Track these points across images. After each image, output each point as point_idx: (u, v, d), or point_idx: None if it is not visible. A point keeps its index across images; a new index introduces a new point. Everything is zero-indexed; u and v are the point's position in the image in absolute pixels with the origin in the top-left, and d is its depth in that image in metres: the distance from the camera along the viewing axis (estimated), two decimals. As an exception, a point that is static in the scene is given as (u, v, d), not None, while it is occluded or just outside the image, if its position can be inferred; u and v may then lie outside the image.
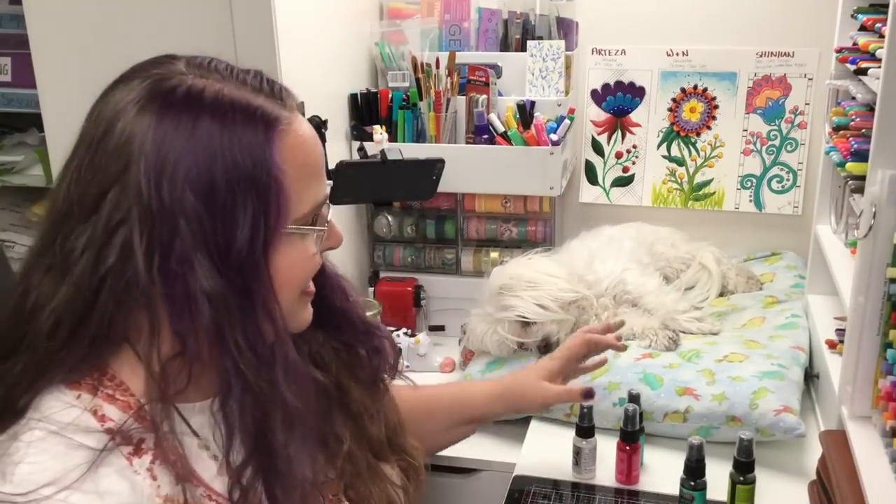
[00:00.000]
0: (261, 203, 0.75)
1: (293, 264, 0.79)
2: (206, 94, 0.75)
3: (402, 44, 1.80)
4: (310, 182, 0.79)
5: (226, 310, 0.74)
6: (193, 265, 0.73)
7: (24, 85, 1.78)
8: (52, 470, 0.70)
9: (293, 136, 0.78)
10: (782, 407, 1.25)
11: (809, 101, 1.80)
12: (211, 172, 0.73)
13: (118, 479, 0.73)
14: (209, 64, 0.80)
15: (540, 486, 1.23)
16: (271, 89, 0.80)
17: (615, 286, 1.56)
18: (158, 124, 0.73)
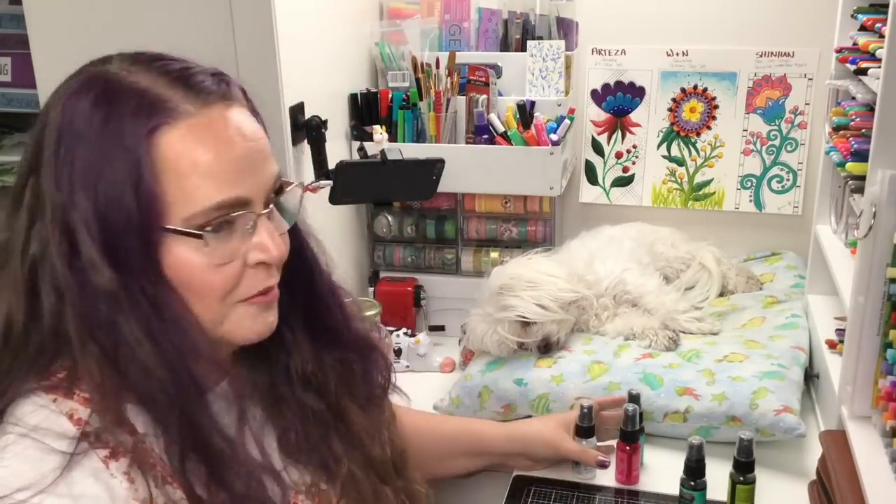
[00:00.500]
0: (135, 196, 0.73)
1: (190, 269, 0.76)
2: (107, 81, 0.76)
3: (402, 44, 1.80)
4: (200, 182, 0.74)
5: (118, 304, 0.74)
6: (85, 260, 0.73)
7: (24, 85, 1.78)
8: (26, 475, 0.70)
9: (186, 130, 0.74)
10: (782, 407, 1.25)
11: (809, 101, 1.80)
12: (93, 162, 0.73)
13: (93, 483, 0.72)
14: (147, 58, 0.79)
15: (540, 486, 1.23)
16: (195, 82, 0.77)
17: (615, 286, 1.56)
18: (63, 111, 0.75)
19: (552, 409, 1.36)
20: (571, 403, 1.35)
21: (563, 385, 1.37)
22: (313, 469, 0.89)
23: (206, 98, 0.77)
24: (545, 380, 1.38)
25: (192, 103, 0.76)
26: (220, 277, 0.77)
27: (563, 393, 1.36)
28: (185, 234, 0.75)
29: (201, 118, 0.76)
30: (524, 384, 1.39)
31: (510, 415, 1.40)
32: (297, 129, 1.47)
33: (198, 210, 0.75)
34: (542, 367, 1.41)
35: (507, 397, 1.39)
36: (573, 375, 1.37)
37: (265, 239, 0.79)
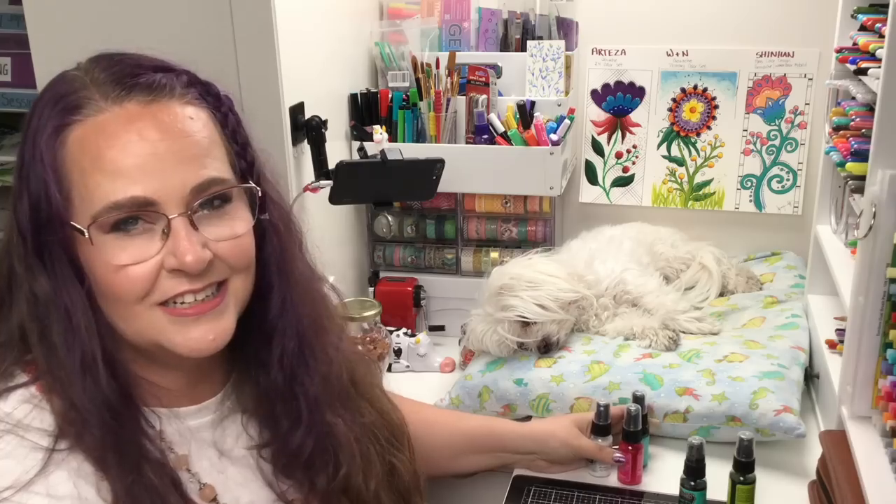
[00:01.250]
0: (52, 195, 0.74)
1: (98, 268, 0.75)
2: (54, 82, 0.79)
3: (402, 44, 1.80)
4: (99, 178, 0.72)
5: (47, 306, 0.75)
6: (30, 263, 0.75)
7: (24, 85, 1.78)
8: (8, 472, 0.70)
9: (91, 127, 0.74)
10: (782, 407, 1.25)
11: (809, 101, 1.80)
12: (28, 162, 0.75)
13: (77, 480, 0.73)
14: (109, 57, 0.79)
15: (540, 486, 1.23)
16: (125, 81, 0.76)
17: (615, 286, 1.56)
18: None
19: (552, 409, 1.36)
20: (571, 404, 1.35)
21: (563, 385, 1.37)
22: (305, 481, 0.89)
23: (125, 94, 0.75)
24: (545, 380, 1.38)
25: (108, 100, 0.75)
26: (126, 279, 0.74)
27: (563, 393, 1.36)
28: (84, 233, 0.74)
29: (112, 115, 0.74)
30: (524, 384, 1.39)
31: (510, 415, 1.40)
32: (297, 129, 1.47)
33: (98, 208, 0.73)
34: (542, 367, 1.41)
35: (507, 397, 1.39)
36: (573, 375, 1.37)
37: (179, 244, 0.74)
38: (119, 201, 0.72)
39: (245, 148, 0.83)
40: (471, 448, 1.22)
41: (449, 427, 1.23)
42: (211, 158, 0.77)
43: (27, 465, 0.70)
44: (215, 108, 0.80)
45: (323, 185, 1.48)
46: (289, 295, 0.87)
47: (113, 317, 0.77)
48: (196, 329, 0.78)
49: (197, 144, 0.76)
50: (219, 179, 0.77)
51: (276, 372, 0.87)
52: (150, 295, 0.75)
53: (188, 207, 0.75)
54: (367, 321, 1.57)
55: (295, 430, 0.87)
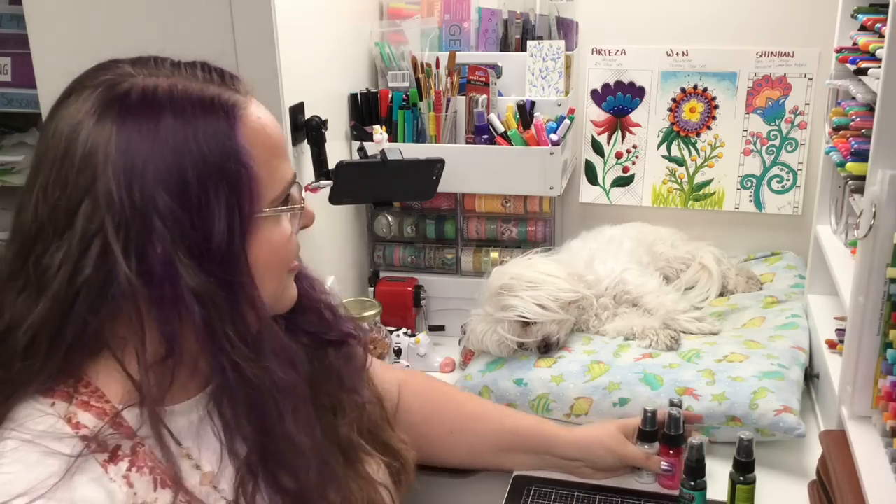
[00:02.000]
0: (233, 192, 0.75)
1: (274, 248, 0.80)
2: (160, 91, 0.75)
3: (402, 44, 1.80)
4: (277, 163, 0.80)
5: (214, 305, 0.74)
6: (176, 265, 0.73)
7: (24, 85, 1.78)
8: (25, 479, 0.69)
9: (253, 119, 0.78)
10: (782, 407, 1.25)
11: (809, 101, 1.80)
12: (180, 169, 0.73)
13: (94, 488, 0.72)
14: (155, 62, 0.79)
15: (540, 486, 1.23)
16: (221, 77, 0.80)
17: (615, 286, 1.56)
18: (120, 130, 0.73)
19: (552, 410, 1.36)
20: (571, 404, 1.35)
21: (563, 385, 1.37)
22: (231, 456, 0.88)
23: (240, 86, 0.81)
24: (545, 380, 1.38)
25: (236, 94, 0.79)
26: (294, 246, 0.84)
27: (562, 393, 1.36)
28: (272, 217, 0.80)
29: (249, 105, 0.80)
30: (524, 384, 1.39)
31: (510, 415, 1.40)
32: (297, 129, 1.47)
33: (281, 189, 0.81)
34: (542, 367, 1.41)
35: (506, 397, 1.39)
36: (573, 375, 1.37)
37: (307, 204, 0.86)
38: (291, 179, 0.82)
39: None
40: (516, 447, 1.23)
41: (496, 423, 1.24)
42: None
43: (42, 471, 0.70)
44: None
45: (323, 185, 1.48)
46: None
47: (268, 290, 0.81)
48: (293, 285, 0.88)
49: None
50: None
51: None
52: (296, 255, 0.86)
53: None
54: (367, 321, 1.57)
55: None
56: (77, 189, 0.73)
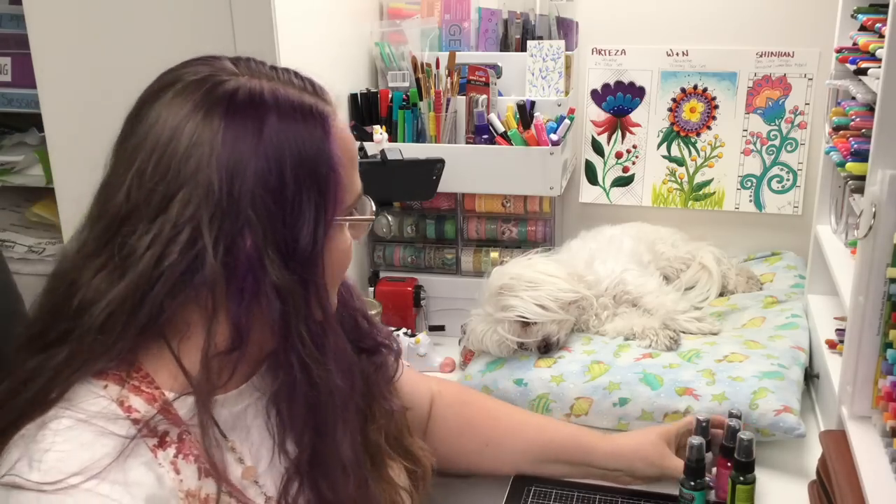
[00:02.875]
0: (322, 195, 0.78)
1: (341, 254, 0.82)
2: (266, 95, 0.78)
3: (402, 44, 1.80)
4: (353, 172, 0.83)
5: (293, 302, 0.77)
6: (263, 259, 0.75)
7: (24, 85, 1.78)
8: (80, 459, 0.70)
9: (340, 129, 0.81)
10: (782, 407, 1.25)
11: (809, 101, 1.80)
12: (280, 168, 0.76)
13: (145, 471, 0.74)
14: (254, 65, 0.83)
15: (540, 486, 1.23)
16: (312, 87, 0.83)
17: (615, 286, 1.56)
18: (227, 126, 0.76)
19: (552, 410, 1.36)
20: (571, 404, 1.35)
21: (563, 385, 1.37)
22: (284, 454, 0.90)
23: (325, 97, 0.83)
24: (545, 380, 1.38)
25: (326, 104, 0.82)
26: (350, 255, 0.86)
27: (562, 393, 1.36)
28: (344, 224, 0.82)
29: (337, 117, 0.83)
30: (524, 384, 1.39)
31: (510, 415, 1.40)
32: (297, 129, 1.47)
33: (354, 198, 0.83)
34: (542, 367, 1.41)
35: (506, 397, 1.39)
36: (573, 375, 1.37)
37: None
38: (361, 190, 0.85)
39: None
40: (555, 458, 1.23)
41: (533, 435, 1.24)
42: None
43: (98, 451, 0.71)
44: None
45: (323, 185, 1.48)
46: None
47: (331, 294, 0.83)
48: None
49: None
50: None
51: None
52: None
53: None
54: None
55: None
56: (178, 177, 0.75)
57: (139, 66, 1.42)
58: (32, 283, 1.92)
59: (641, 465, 1.19)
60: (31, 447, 0.71)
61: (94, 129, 1.48)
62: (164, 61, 1.40)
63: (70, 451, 0.71)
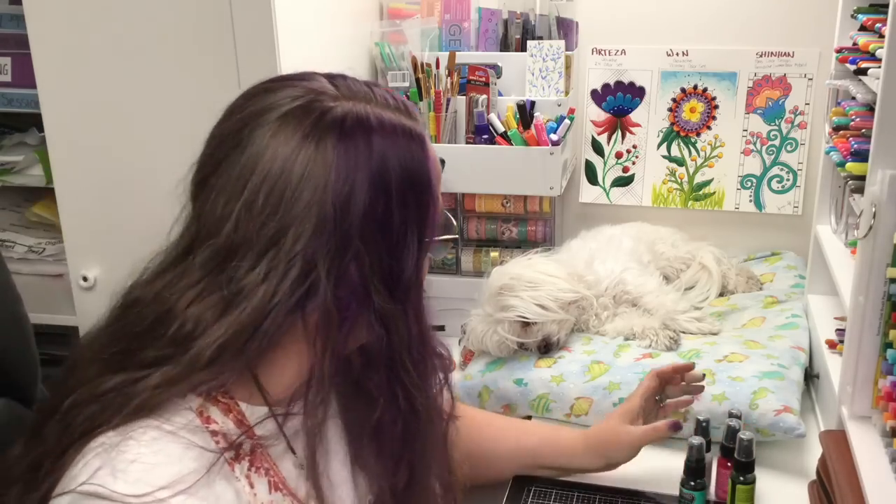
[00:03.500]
0: (422, 220, 0.77)
1: (420, 272, 0.80)
2: (371, 119, 0.77)
3: (402, 44, 1.80)
4: (440, 193, 0.82)
5: (397, 331, 0.77)
6: (370, 290, 0.75)
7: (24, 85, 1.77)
8: (168, 472, 0.68)
9: (431, 149, 0.80)
10: (782, 407, 1.25)
11: (809, 101, 1.80)
12: (387, 197, 0.75)
13: (226, 485, 0.73)
14: (353, 84, 0.81)
15: (540, 486, 1.23)
16: (405, 107, 0.81)
17: (615, 286, 1.56)
18: (340, 157, 0.74)
19: (552, 410, 1.36)
20: (571, 404, 1.35)
21: (563, 385, 1.37)
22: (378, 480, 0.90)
23: (416, 118, 0.81)
24: (545, 380, 1.38)
25: (418, 125, 0.80)
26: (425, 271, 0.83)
27: (563, 393, 1.36)
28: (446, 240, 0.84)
29: (426, 138, 0.81)
30: (524, 384, 1.39)
31: (511, 415, 1.40)
32: (297, 129, 1.47)
33: (442, 217, 0.82)
34: (542, 367, 1.41)
35: (506, 397, 1.39)
36: (573, 375, 1.37)
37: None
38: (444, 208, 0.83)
39: None
40: (536, 463, 1.23)
41: (513, 443, 1.23)
42: None
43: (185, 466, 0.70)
44: None
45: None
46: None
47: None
48: None
49: None
50: None
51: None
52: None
53: None
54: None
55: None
56: (290, 210, 0.73)
57: (139, 66, 1.43)
58: (32, 283, 1.92)
59: (618, 453, 1.19)
60: (115, 457, 0.68)
61: (94, 129, 1.48)
62: (163, 62, 1.41)
63: (157, 463, 0.68)
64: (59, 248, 1.77)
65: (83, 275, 1.55)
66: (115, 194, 1.49)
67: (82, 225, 1.53)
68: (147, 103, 1.43)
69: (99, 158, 1.49)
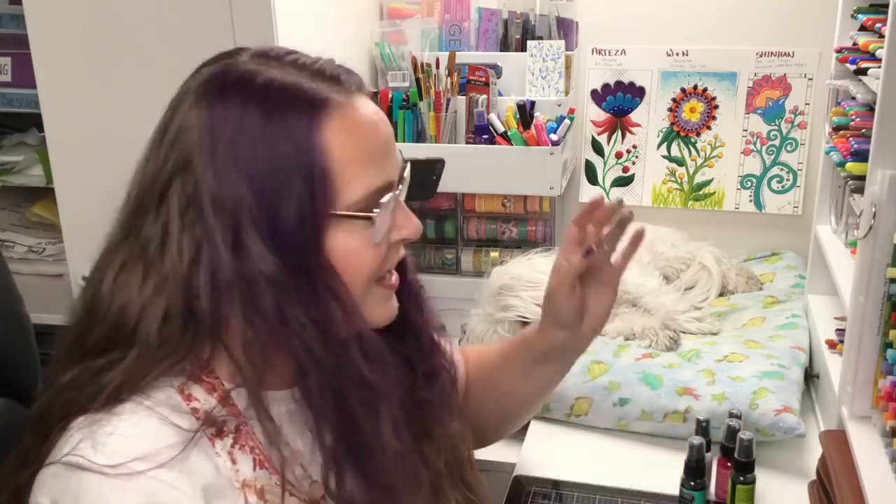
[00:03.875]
0: (306, 186, 0.75)
1: (351, 252, 0.79)
2: (256, 80, 0.76)
3: (402, 44, 1.80)
4: (363, 167, 0.78)
5: (284, 290, 0.76)
6: (250, 249, 0.75)
7: (24, 85, 1.78)
8: (143, 445, 0.70)
9: (344, 119, 0.77)
10: (782, 407, 1.25)
11: (809, 101, 1.80)
12: (256, 157, 0.74)
13: (204, 459, 0.74)
14: (276, 53, 0.81)
15: (540, 486, 1.23)
16: (332, 74, 0.80)
17: (615, 286, 1.56)
18: (209, 112, 0.75)
19: (552, 409, 1.37)
20: (571, 403, 1.35)
21: (563, 385, 1.36)
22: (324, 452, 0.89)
23: (348, 87, 0.79)
24: (545, 380, 1.38)
25: (339, 94, 0.78)
26: (374, 257, 0.80)
27: (562, 393, 1.36)
28: (355, 218, 0.78)
29: (349, 108, 0.78)
30: (524, 384, 1.38)
31: (510, 415, 1.40)
32: (297, 129, 1.47)
33: (360, 195, 0.77)
34: (542, 367, 1.40)
35: (507, 397, 1.39)
36: (573, 375, 1.36)
37: (409, 216, 0.83)
38: (381, 186, 0.79)
39: None
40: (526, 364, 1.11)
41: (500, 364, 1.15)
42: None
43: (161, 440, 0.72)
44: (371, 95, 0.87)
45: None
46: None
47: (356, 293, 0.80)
48: (393, 301, 0.86)
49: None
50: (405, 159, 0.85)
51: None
52: (382, 268, 0.82)
53: (400, 181, 0.83)
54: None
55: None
56: (168, 165, 0.76)
57: (139, 66, 1.43)
58: (32, 283, 1.92)
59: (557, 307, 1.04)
60: (96, 430, 0.71)
61: (94, 129, 1.48)
62: (163, 62, 1.41)
63: (134, 436, 0.71)
64: (59, 248, 1.77)
65: (83, 275, 1.54)
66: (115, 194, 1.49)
67: (82, 225, 1.53)
68: (147, 103, 1.42)
69: (99, 158, 1.49)
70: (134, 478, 0.68)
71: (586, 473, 1.26)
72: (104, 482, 0.68)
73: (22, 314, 1.09)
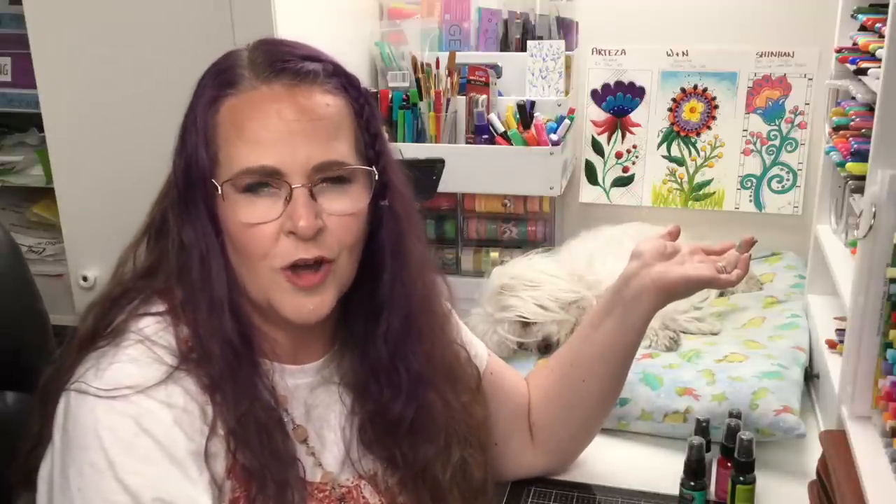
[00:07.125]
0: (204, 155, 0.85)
1: (231, 224, 0.85)
2: (221, 58, 0.89)
3: (402, 44, 1.80)
4: (239, 145, 0.84)
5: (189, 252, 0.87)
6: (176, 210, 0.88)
7: (24, 85, 1.78)
8: (134, 375, 0.80)
9: (241, 101, 0.84)
10: (782, 407, 1.25)
11: (809, 101, 1.80)
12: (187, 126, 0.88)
13: (183, 395, 0.82)
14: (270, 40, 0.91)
15: (540, 487, 1.23)
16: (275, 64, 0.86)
17: (615, 286, 1.56)
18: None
19: (552, 409, 1.36)
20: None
21: (563, 385, 1.36)
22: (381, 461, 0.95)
23: (274, 76, 0.84)
24: (545, 380, 1.38)
25: (259, 80, 0.85)
26: (252, 237, 0.85)
27: (563, 393, 1.36)
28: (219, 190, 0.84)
29: (259, 93, 0.84)
30: (524, 384, 1.38)
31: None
32: (297, 129, 1.47)
33: (235, 172, 0.84)
34: (542, 367, 1.40)
35: (507, 397, 1.39)
36: (573, 375, 1.37)
37: (297, 209, 0.84)
38: (252, 168, 0.83)
39: (375, 138, 0.91)
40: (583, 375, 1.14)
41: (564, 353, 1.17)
42: (338, 142, 0.86)
43: (150, 374, 0.81)
44: (354, 98, 0.89)
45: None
46: (400, 276, 0.94)
47: (240, 270, 0.88)
48: (301, 298, 0.87)
49: (327, 128, 0.85)
50: (340, 162, 0.86)
51: (381, 346, 0.94)
52: (270, 255, 0.85)
53: (310, 181, 0.84)
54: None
55: (395, 401, 0.94)
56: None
57: (139, 66, 1.43)
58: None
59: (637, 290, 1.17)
60: (101, 360, 0.82)
61: (94, 129, 1.48)
62: (163, 61, 1.41)
63: (127, 367, 0.81)
64: (59, 248, 1.77)
65: (83, 275, 1.55)
66: (115, 194, 1.49)
67: (82, 225, 1.54)
68: (147, 103, 1.44)
69: (99, 158, 1.49)
70: (120, 399, 0.78)
71: (586, 473, 1.26)
72: (97, 403, 0.78)
73: (41, 311, 1.11)
